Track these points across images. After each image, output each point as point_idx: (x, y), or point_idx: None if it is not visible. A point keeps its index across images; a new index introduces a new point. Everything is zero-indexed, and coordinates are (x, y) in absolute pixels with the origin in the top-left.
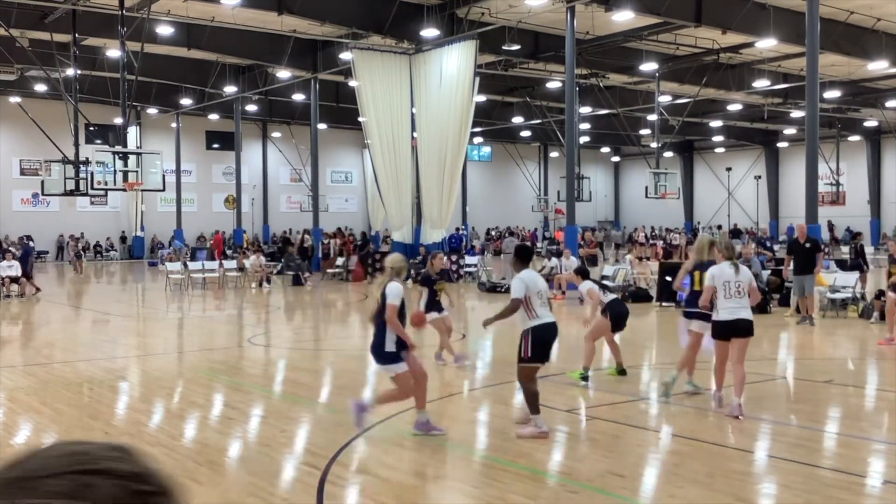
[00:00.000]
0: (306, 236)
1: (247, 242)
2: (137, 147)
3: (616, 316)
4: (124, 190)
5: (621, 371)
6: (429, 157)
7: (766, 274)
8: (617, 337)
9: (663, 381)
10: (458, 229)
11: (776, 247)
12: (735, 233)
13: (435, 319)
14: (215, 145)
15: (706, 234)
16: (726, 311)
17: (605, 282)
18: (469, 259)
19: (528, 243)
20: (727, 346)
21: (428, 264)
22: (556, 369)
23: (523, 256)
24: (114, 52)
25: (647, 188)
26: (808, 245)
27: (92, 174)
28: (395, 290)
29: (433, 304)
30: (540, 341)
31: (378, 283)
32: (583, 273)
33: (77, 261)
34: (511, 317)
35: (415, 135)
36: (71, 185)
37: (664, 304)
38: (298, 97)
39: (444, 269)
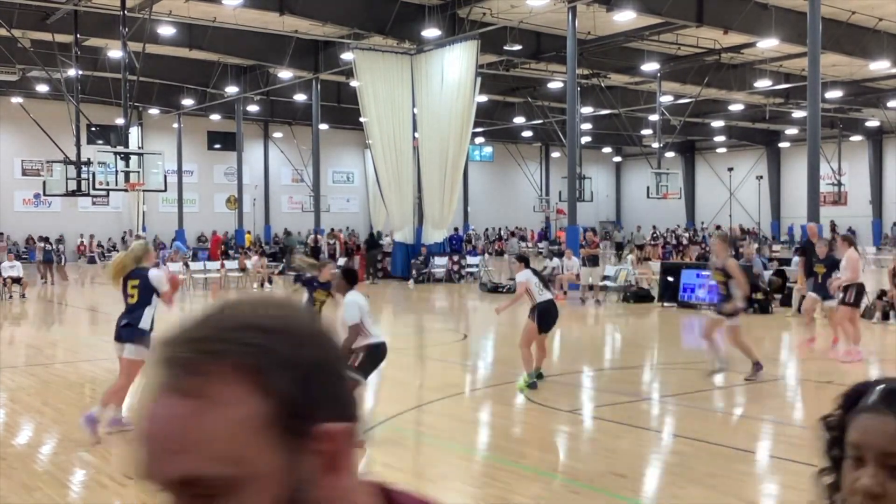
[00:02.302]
0: (319, 237)
1: (249, 243)
2: (139, 147)
3: (541, 315)
4: (126, 190)
5: (538, 376)
6: (430, 158)
7: (767, 274)
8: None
9: None
10: (455, 230)
11: (776, 247)
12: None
13: None
14: (217, 146)
15: None
16: None
17: (544, 274)
18: (470, 259)
19: (355, 269)
20: None
21: (320, 271)
22: (558, 370)
23: (350, 279)
24: (115, 53)
25: (648, 188)
26: None
27: (93, 175)
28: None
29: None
30: (371, 360)
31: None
32: (524, 261)
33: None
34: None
35: (416, 135)
36: (73, 185)
37: (665, 304)
38: (300, 97)
39: (330, 282)
